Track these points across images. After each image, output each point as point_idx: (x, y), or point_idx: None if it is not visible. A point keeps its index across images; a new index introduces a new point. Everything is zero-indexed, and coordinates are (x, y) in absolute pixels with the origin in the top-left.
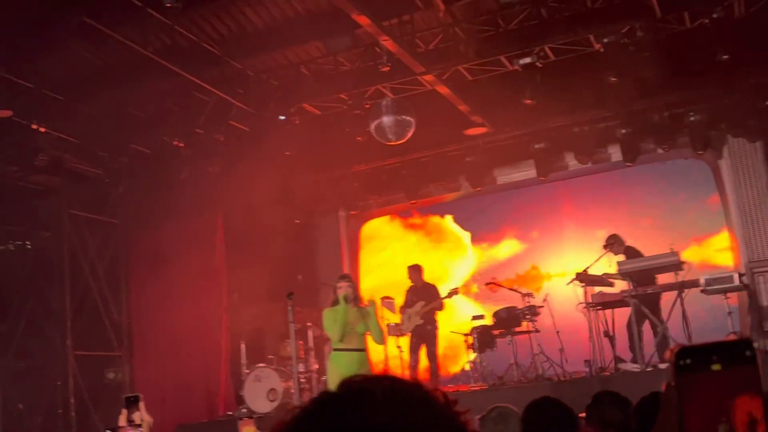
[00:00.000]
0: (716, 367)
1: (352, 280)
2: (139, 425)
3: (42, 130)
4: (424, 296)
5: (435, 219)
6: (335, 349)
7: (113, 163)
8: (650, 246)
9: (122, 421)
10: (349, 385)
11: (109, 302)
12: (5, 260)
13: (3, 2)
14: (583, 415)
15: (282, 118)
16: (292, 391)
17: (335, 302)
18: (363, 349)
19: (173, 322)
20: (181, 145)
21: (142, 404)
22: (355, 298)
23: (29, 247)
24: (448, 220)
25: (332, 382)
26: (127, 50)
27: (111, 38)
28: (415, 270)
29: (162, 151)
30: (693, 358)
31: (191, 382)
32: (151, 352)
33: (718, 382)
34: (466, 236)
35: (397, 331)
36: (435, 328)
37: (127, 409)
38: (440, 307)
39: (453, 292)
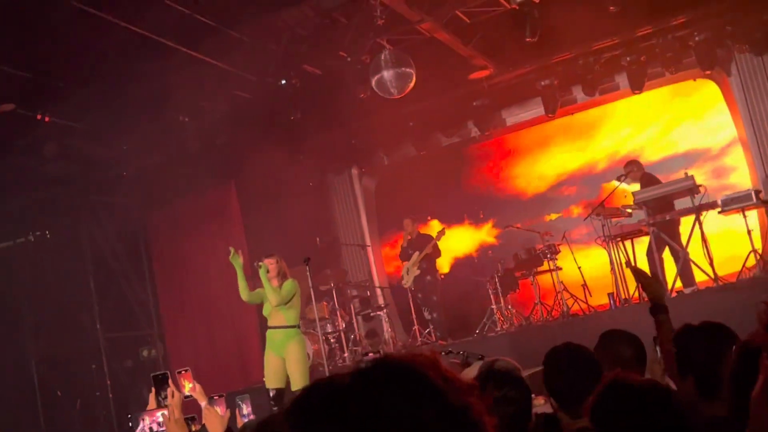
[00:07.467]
0: None
1: (276, 258)
2: (167, 406)
3: (47, 119)
4: (418, 247)
5: None
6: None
7: (122, 144)
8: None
9: (151, 403)
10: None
11: (133, 282)
12: (27, 251)
13: None
14: None
15: (283, 82)
16: (323, 353)
17: None
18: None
19: (200, 295)
20: (187, 119)
21: (170, 380)
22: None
23: (48, 236)
24: None
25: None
26: (122, 31)
27: (105, 21)
28: (410, 223)
29: (169, 127)
30: None
31: (224, 352)
32: (182, 326)
33: None
34: None
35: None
36: (435, 278)
37: (155, 388)
38: (435, 254)
39: (440, 233)
